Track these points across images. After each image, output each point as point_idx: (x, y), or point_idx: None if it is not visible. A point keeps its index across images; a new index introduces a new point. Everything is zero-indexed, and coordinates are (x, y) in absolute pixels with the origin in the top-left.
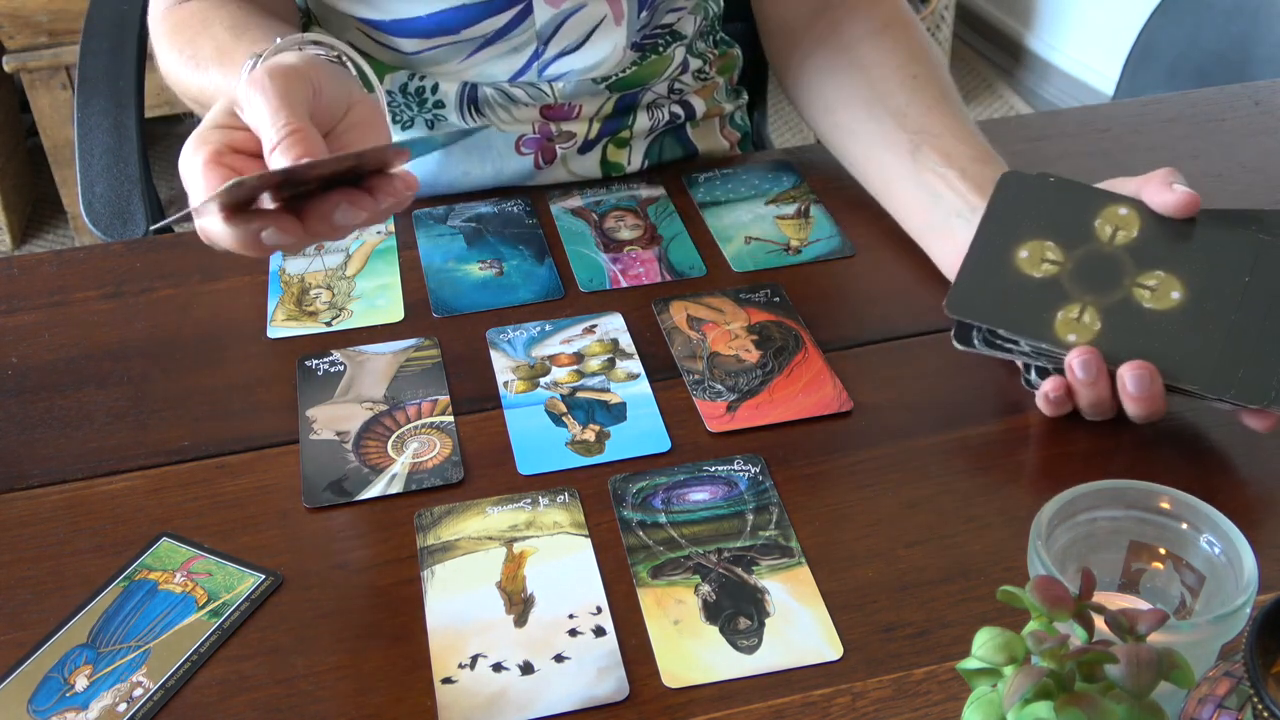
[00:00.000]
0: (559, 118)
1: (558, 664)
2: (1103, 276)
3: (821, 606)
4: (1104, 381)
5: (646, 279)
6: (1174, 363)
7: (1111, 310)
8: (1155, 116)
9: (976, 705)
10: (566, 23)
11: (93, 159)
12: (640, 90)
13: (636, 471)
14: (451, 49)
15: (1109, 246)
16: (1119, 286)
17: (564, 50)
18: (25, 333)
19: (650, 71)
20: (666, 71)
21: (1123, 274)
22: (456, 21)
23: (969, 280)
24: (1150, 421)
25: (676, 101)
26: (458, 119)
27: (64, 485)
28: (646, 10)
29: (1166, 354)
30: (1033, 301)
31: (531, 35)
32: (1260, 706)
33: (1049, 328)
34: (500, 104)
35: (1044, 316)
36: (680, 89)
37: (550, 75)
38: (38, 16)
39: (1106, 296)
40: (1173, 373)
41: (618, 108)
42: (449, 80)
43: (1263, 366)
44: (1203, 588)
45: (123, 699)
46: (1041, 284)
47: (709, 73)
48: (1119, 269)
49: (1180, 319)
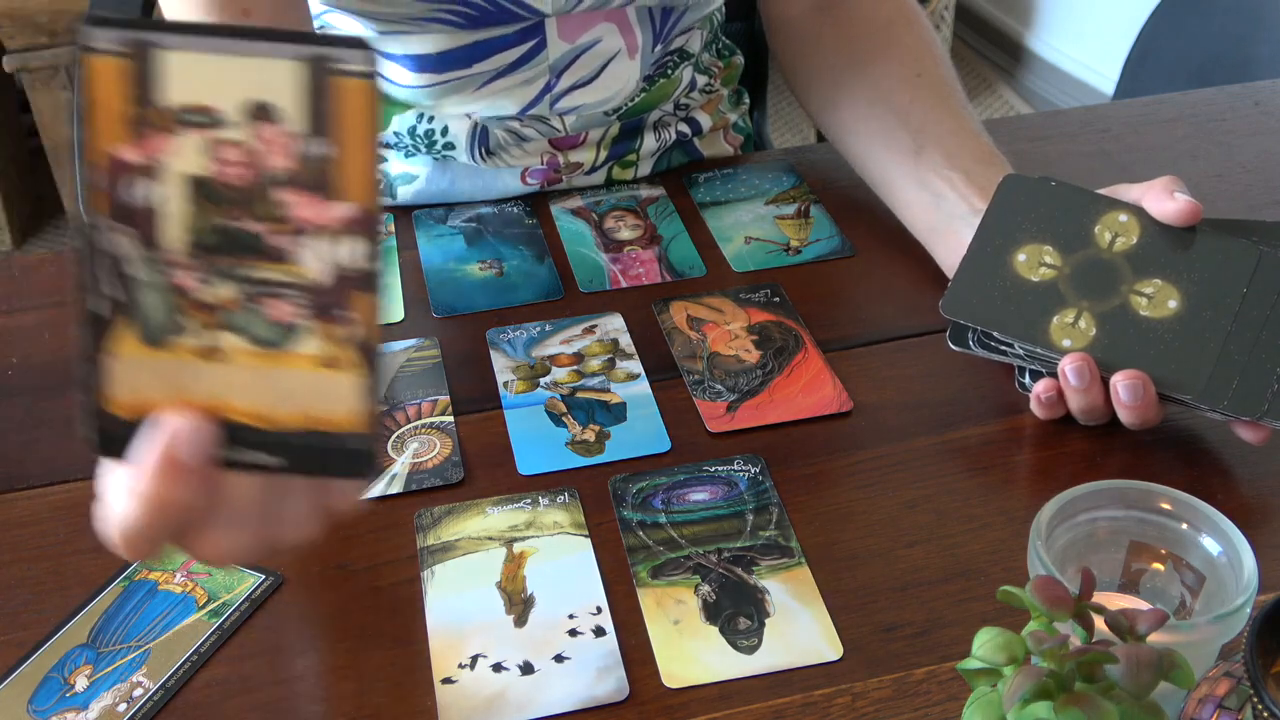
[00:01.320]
0: (566, 146)
1: (558, 664)
2: (1100, 282)
3: (821, 606)
4: (1097, 388)
5: (646, 279)
6: (1168, 372)
7: (1107, 317)
8: (1155, 116)
9: (976, 705)
10: (581, 57)
11: None
12: (647, 112)
13: (636, 472)
14: (462, 82)
15: (1108, 253)
16: (1116, 293)
17: (577, 83)
18: (25, 333)
19: (659, 95)
20: (674, 93)
21: (1120, 280)
22: (469, 57)
23: (965, 281)
24: (1145, 428)
25: (682, 119)
26: (467, 159)
27: (64, 485)
28: (660, 44)
29: (1161, 363)
30: (1028, 305)
31: (545, 69)
32: (1260, 706)
33: (1044, 332)
34: (511, 144)
35: (1039, 321)
36: (687, 104)
37: (561, 109)
38: (38, 16)
39: (1103, 303)
40: (1167, 382)
41: (624, 130)
42: (458, 121)
43: (1257, 378)
44: (1203, 588)
45: (123, 699)
46: (1038, 288)
47: (714, 85)
48: (1116, 275)
49: (1176, 328)
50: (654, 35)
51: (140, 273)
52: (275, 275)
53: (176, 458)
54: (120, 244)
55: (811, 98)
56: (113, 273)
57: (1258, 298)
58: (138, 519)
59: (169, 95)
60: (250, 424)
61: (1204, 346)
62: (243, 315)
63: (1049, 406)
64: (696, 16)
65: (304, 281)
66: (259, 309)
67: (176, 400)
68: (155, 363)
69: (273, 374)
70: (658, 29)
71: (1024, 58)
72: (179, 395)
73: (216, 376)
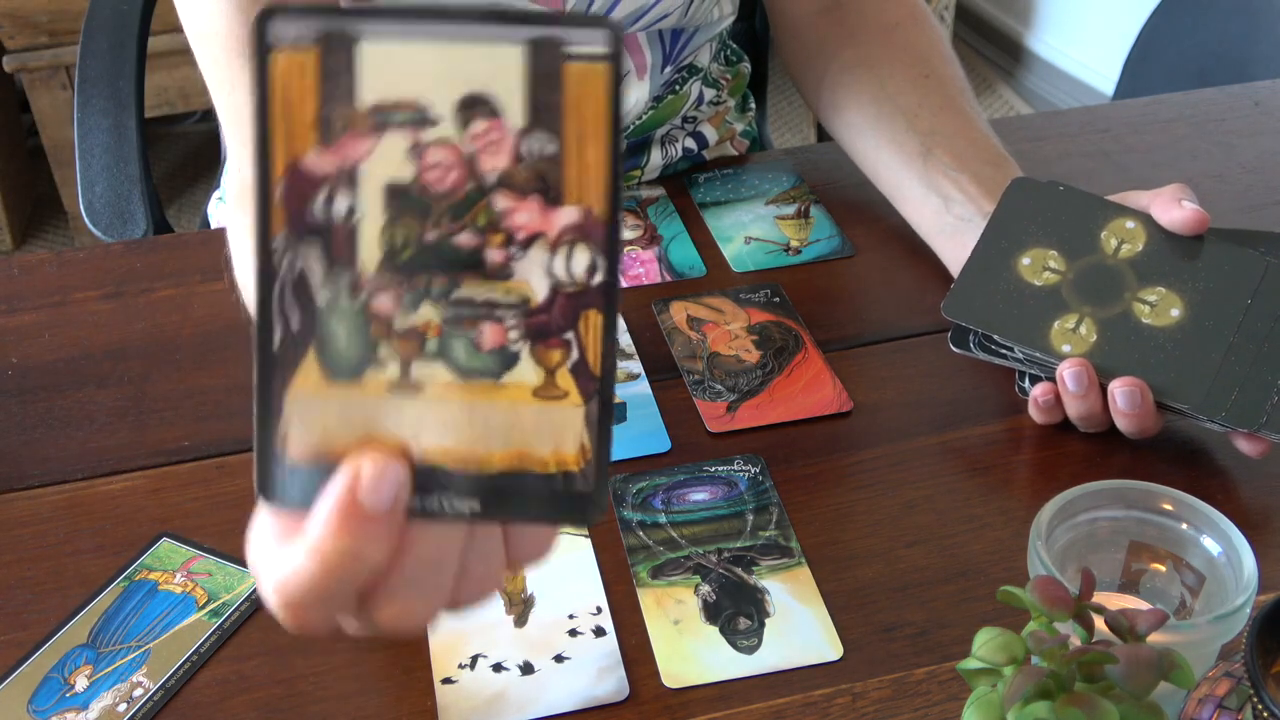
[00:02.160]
0: None
1: (558, 664)
2: (1103, 289)
3: (821, 606)
4: (1095, 394)
5: (646, 279)
6: (1167, 380)
7: (1109, 323)
8: (1155, 116)
9: (976, 705)
10: None
11: (93, 159)
12: (654, 129)
13: (636, 471)
14: None
15: (1112, 259)
16: (1119, 300)
17: None
18: (25, 333)
19: (668, 112)
20: (683, 109)
21: (1124, 288)
22: None
23: (968, 283)
24: (1143, 437)
25: (690, 134)
26: None
27: (64, 485)
28: (670, 64)
29: (1161, 371)
30: (1030, 309)
31: None
32: (1260, 706)
33: (1044, 336)
34: None
35: (1040, 325)
36: (694, 117)
37: None
38: (38, 16)
39: (1105, 309)
40: (1166, 391)
41: (630, 148)
42: None
43: (1256, 390)
44: (1203, 588)
45: (123, 699)
46: (1041, 292)
47: (722, 97)
48: (1120, 282)
49: (1178, 337)
50: (664, 56)
51: (330, 298)
52: (488, 294)
53: (362, 506)
54: (307, 266)
55: (819, 99)
56: (297, 299)
57: (1262, 309)
58: (312, 579)
59: (367, 91)
60: (448, 466)
61: (1205, 356)
62: (446, 342)
63: (1047, 411)
64: (707, 37)
65: (521, 301)
66: (467, 334)
67: (363, 442)
68: (342, 400)
69: (478, 408)
70: (667, 50)
71: (1024, 58)
72: (367, 436)
73: (411, 413)
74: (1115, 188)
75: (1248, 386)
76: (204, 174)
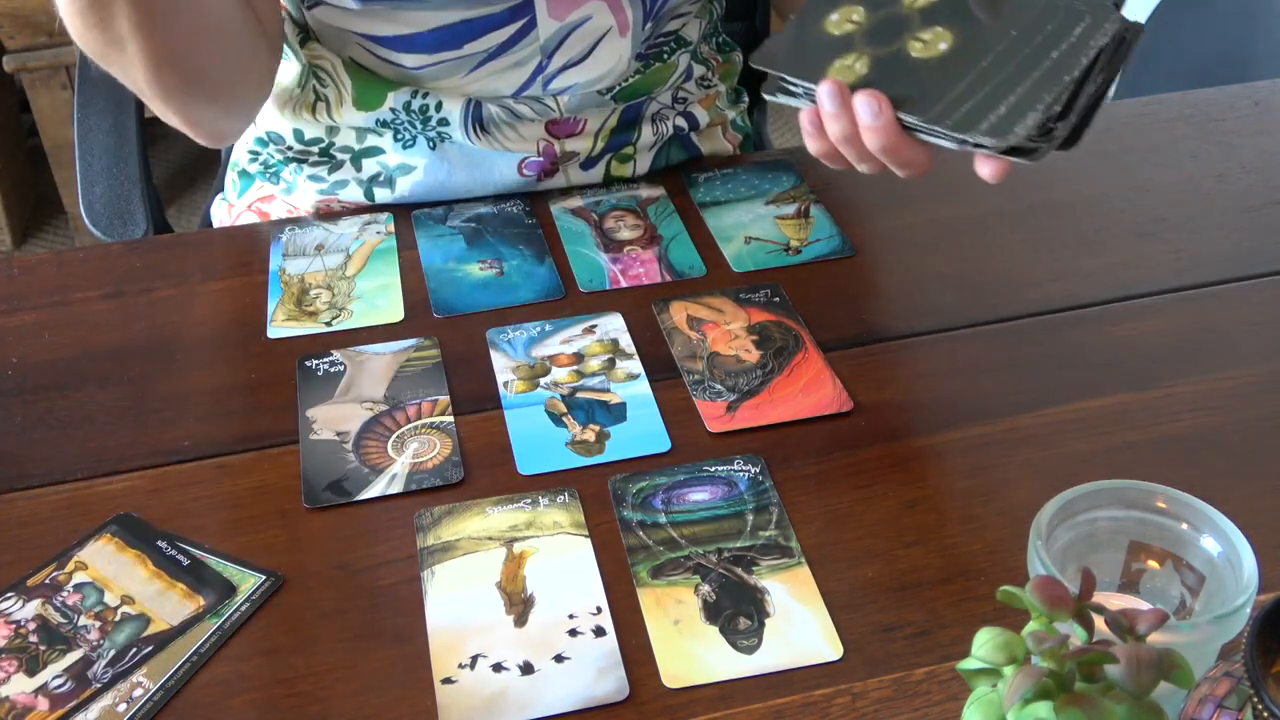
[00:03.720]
0: (564, 133)
1: (558, 664)
2: (888, 33)
3: (821, 606)
4: (848, 115)
5: (646, 279)
6: (907, 95)
7: (882, 60)
8: (1155, 116)
9: (976, 705)
10: (571, 35)
11: (93, 159)
12: (645, 100)
13: (636, 472)
14: (455, 64)
15: (908, 9)
16: (897, 39)
17: (569, 63)
18: (25, 333)
19: (655, 79)
20: (671, 79)
21: (905, 30)
22: (459, 36)
23: (780, 39)
24: (908, 172)
25: (680, 113)
26: (462, 137)
27: (64, 485)
28: (651, 21)
29: (923, 96)
30: (821, 54)
31: (536, 49)
32: (1260, 706)
33: (821, 72)
34: (506, 121)
35: (822, 65)
36: (684, 97)
37: (555, 89)
38: (38, 16)
39: (883, 49)
40: (903, 103)
41: (622, 121)
42: (452, 97)
43: (1012, 114)
44: (1203, 588)
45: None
46: (836, 40)
47: (712, 80)
48: (905, 26)
49: (936, 65)
50: (644, 13)
51: None
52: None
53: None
54: None
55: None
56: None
57: (1025, 38)
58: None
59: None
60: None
61: (953, 78)
62: None
63: (813, 137)
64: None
65: None
66: None
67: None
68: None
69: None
70: (648, 6)
71: None
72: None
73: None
74: (1115, 187)
75: (1004, 110)
76: (204, 174)
